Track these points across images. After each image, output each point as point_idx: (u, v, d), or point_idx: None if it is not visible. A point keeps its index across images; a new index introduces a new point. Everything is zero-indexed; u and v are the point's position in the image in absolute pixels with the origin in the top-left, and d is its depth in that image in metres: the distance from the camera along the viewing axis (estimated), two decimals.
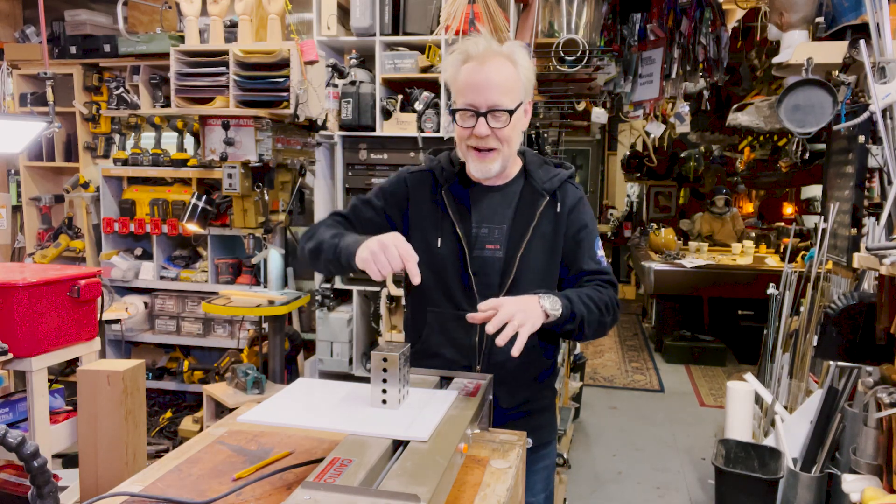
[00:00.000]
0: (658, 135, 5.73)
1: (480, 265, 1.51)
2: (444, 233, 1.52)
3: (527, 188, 1.55)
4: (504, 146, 1.46)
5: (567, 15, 3.47)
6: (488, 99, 1.41)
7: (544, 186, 1.54)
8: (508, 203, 1.54)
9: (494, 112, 1.42)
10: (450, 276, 1.52)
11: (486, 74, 1.41)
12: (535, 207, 1.52)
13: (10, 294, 2.00)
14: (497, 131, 1.43)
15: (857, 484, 2.18)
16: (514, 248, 1.50)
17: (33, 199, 4.31)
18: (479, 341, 1.51)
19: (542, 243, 1.52)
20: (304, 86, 2.84)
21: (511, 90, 1.43)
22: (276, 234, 3.27)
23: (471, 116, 1.43)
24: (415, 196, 1.57)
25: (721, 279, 5.66)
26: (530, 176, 1.56)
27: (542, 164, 1.59)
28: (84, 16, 4.03)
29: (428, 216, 1.55)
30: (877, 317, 2.38)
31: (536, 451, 1.59)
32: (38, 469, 0.94)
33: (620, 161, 8.83)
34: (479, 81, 1.41)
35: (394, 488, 0.89)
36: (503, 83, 1.42)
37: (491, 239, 1.52)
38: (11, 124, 2.34)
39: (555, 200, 1.54)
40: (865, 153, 2.96)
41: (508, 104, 1.43)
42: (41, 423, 2.10)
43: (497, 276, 1.51)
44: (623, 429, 4.29)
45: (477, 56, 1.43)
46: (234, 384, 3.23)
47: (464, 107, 1.43)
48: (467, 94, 1.43)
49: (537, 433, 1.58)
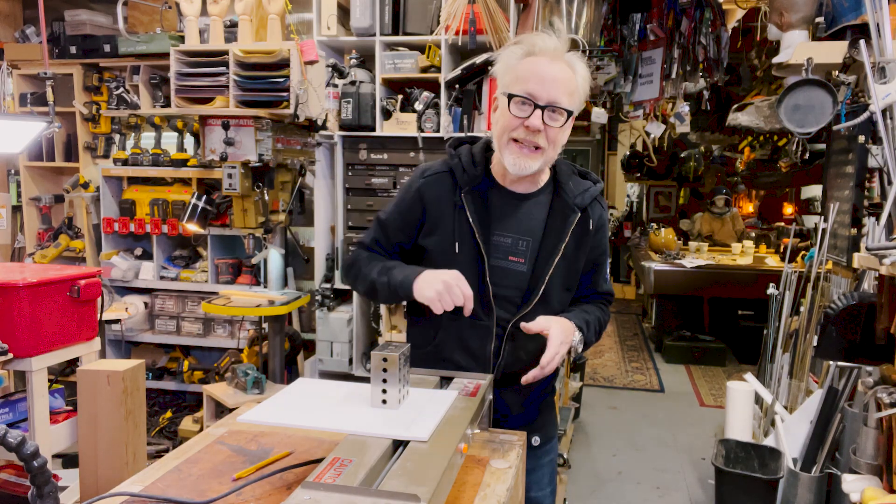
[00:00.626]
0: (658, 135, 5.72)
1: (500, 276, 1.45)
2: (463, 238, 1.45)
3: (557, 201, 1.48)
4: (550, 148, 1.40)
5: (567, 15, 3.47)
6: (551, 93, 1.36)
7: (576, 202, 1.47)
8: (536, 215, 1.48)
9: (554, 108, 1.36)
10: None
11: (554, 70, 1.37)
12: (567, 224, 1.46)
13: (10, 294, 2.00)
14: (549, 130, 1.37)
15: (857, 484, 2.17)
16: (543, 264, 1.45)
17: (33, 199, 4.31)
18: (494, 351, 1.48)
19: (568, 262, 1.49)
20: (304, 86, 2.84)
21: (573, 93, 1.39)
22: (276, 234, 3.27)
23: (528, 106, 1.36)
24: (431, 202, 1.49)
25: (721, 279, 5.66)
26: (561, 188, 1.49)
27: (571, 175, 1.52)
28: (84, 16, 4.03)
29: (447, 219, 1.47)
30: (877, 317, 2.38)
31: (542, 446, 1.61)
32: (38, 469, 0.94)
33: (620, 161, 8.83)
34: (547, 74, 1.36)
35: (394, 488, 0.89)
36: (568, 84, 1.38)
37: (515, 251, 1.46)
38: (11, 124, 2.34)
39: (585, 217, 1.49)
40: (865, 153, 2.96)
41: (569, 105, 1.38)
42: (41, 423, 2.10)
43: (519, 291, 1.46)
44: (623, 429, 4.29)
45: (546, 51, 1.38)
46: (234, 384, 3.23)
47: (523, 94, 1.36)
48: (529, 83, 1.36)
49: (543, 430, 1.61)
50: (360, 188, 3.39)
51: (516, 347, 1.47)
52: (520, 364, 1.37)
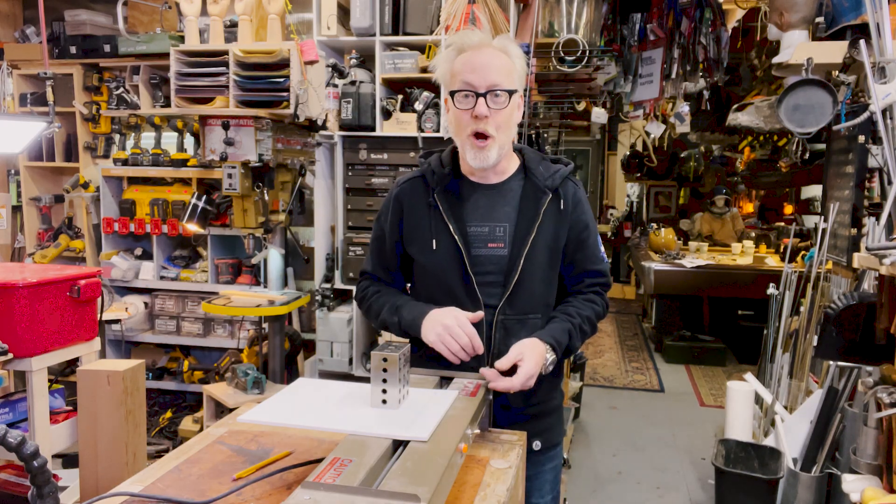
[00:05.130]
0: (658, 135, 5.72)
1: (483, 264, 1.50)
2: (440, 234, 1.51)
3: (528, 185, 1.53)
4: (500, 133, 1.44)
5: (567, 15, 3.47)
6: (487, 78, 1.40)
7: (546, 183, 1.52)
8: (509, 201, 1.53)
9: (494, 92, 1.41)
10: (450, 277, 1.50)
11: (484, 58, 1.42)
12: (539, 205, 1.50)
13: (10, 294, 2.00)
14: (495, 114, 1.42)
15: (857, 484, 2.17)
16: (519, 246, 1.48)
17: (33, 199, 4.31)
18: (486, 341, 1.49)
19: (546, 241, 1.51)
20: (304, 86, 2.84)
21: (509, 73, 1.43)
22: (276, 234, 3.27)
23: (470, 97, 1.42)
24: (408, 206, 1.57)
25: (721, 279, 5.66)
26: (531, 173, 1.54)
27: (541, 161, 1.57)
28: (84, 16, 4.03)
29: (423, 220, 1.54)
30: (877, 317, 2.38)
31: (545, 452, 1.59)
32: (38, 469, 0.94)
33: (620, 161, 8.83)
34: (478, 62, 1.42)
35: (394, 488, 0.89)
36: (502, 66, 1.43)
37: (494, 237, 1.50)
38: (11, 124, 2.34)
39: (557, 197, 1.53)
40: (865, 153, 2.96)
41: (508, 85, 1.42)
42: (41, 423, 2.10)
43: (502, 276, 1.49)
44: (623, 429, 4.29)
45: (472, 46, 1.44)
46: (234, 384, 3.23)
47: (463, 87, 1.42)
48: (466, 75, 1.42)
49: (545, 435, 1.59)
50: (360, 188, 3.39)
51: (507, 335, 1.48)
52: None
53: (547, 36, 3.55)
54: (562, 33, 3.45)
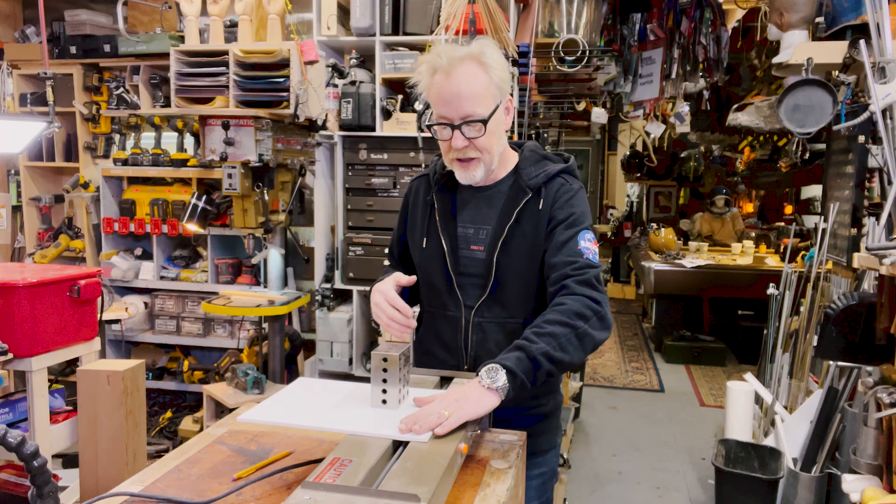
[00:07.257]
0: (658, 135, 5.73)
1: (465, 265, 1.51)
2: (431, 233, 1.55)
3: (513, 187, 1.51)
4: (484, 154, 1.43)
5: (567, 15, 3.47)
6: (459, 111, 1.38)
7: (529, 183, 1.49)
8: (495, 204, 1.52)
9: (469, 123, 1.39)
10: (435, 275, 1.53)
11: (455, 86, 1.37)
12: (516, 206, 1.48)
13: (10, 294, 2.00)
14: (474, 141, 1.41)
15: (857, 484, 2.17)
16: (492, 248, 1.48)
17: (33, 199, 4.30)
18: (464, 341, 1.51)
19: (523, 241, 1.47)
20: (304, 86, 2.84)
21: (483, 97, 1.38)
22: (276, 234, 3.27)
23: (446, 129, 1.41)
24: (413, 202, 1.64)
25: (721, 279, 5.66)
26: (519, 173, 1.52)
27: (538, 160, 1.53)
28: (84, 16, 4.03)
29: (420, 217, 1.59)
30: (877, 317, 2.38)
31: (532, 457, 1.47)
32: (38, 469, 0.94)
33: (620, 161, 8.83)
34: (449, 94, 1.38)
35: (394, 488, 0.89)
36: (474, 92, 1.38)
37: (476, 240, 1.52)
38: (11, 124, 2.34)
39: (538, 197, 1.48)
40: (865, 153, 2.96)
41: (482, 112, 1.38)
42: (41, 423, 2.10)
43: (480, 278, 1.50)
44: (623, 429, 4.29)
45: (442, 67, 1.38)
46: (234, 384, 3.23)
47: (437, 121, 1.42)
48: (439, 108, 1.41)
49: (532, 439, 1.42)
50: (360, 188, 3.39)
51: (485, 338, 1.49)
52: (490, 355, 1.30)
53: (547, 36, 3.55)
54: (562, 33, 3.45)
